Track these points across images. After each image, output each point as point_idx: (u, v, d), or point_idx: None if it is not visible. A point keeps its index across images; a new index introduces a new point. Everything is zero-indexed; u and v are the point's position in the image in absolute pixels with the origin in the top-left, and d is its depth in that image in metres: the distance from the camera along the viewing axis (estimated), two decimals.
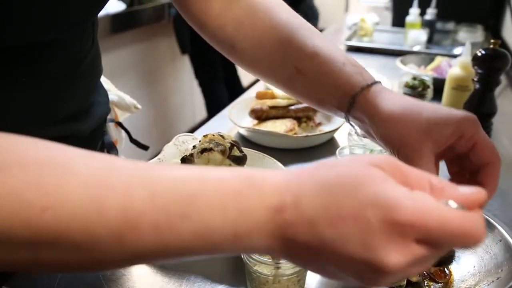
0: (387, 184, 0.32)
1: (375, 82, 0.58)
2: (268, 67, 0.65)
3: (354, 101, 0.57)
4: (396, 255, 0.30)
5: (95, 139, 0.75)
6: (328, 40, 0.63)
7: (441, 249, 0.32)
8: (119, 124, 0.94)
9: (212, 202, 0.33)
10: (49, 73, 0.57)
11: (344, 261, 0.32)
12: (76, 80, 0.62)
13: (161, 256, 0.34)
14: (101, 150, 0.81)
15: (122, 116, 1.02)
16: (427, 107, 0.52)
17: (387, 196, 0.31)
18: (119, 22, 2.40)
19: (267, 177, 0.35)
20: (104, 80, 0.86)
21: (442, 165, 0.55)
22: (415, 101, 0.54)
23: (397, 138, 0.52)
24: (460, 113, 0.51)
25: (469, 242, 0.31)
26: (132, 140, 0.95)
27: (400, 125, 0.51)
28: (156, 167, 0.36)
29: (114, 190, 0.32)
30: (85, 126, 0.67)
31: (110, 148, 0.83)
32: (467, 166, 0.53)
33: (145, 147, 0.94)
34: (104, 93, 0.78)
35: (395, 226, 0.30)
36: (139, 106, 1.06)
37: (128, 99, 1.04)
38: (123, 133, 0.97)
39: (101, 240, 0.32)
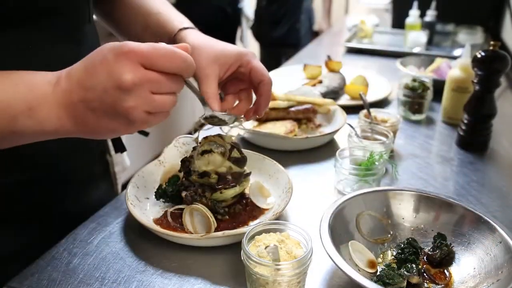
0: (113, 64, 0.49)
1: (190, 28, 0.76)
2: (127, 28, 0.84)
3: (175, 40, 0.75)
4: (128, 72, 0.48)
5: None
6: (168, 5, 0.83)
7: (164, 71, 0.51)
8: None
9: (6, 82, 0.49)
10: (55, 38, 0.66)
11: (100, 95, 0.48)
12: (79, 46, 0.71)
13: None
14: None
15: None
16: (219, 44, 0.70)
17: (119, 43, 0.49)
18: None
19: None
20: None
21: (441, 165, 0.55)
22: (213, 39, 0.72)
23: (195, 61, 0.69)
24: (241, 49, 0.69)
25: (177, 59, 0.51)
26: None
27: (197, 53, 0.66)
28: None
29: None
30: None
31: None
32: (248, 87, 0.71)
33: (145, 133, 0.96)
34: None
35: (123, 54, 0.48)
36: None
37: None
38: None
39: None
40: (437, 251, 0.63)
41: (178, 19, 0.78)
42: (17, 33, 0.59)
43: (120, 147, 0.87)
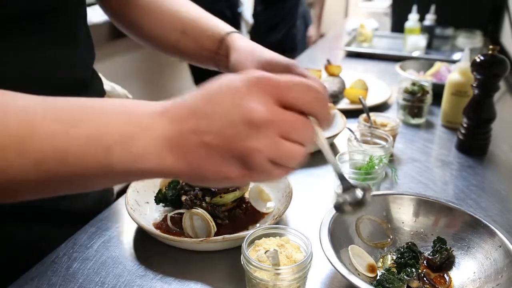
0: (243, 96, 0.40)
1: (235, 32, 0.76)
2: (160, 34, 0.80)
3: (221, 45, 0.74)
4: (262, 105, 0.39)
5: None
6: (203, 11, 0.80)
7: (299, 106, 0.41)
8: None
9: (103, 111, 0.40)
10: (51, 40, 0.64)
11: (221, 126, 0.39)
12: (74, 49, 0.69)
13: (62, 166, 0.38)
14: None
15: None
16: (268, 51, 0.70)
17: (249, 73, 0.41)
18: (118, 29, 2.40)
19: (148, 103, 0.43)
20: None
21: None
22: (260, 46, 0.72)
23: (240, 65, 0.69)
24: (290, 60, 0.68)
25: (313, 92, 0.41)
26: None
27: (244, 57, 0.68)
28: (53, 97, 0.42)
29: (15, 107, 0.38)
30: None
31: None
32: None
33: None
34: (99, 77, 0.82)
35: (257, 84, 0.39)
36: (129, 95, 1.13)
37: (119, 89, 1.10)
38: None
39: (4, 148, 0.36)
40: (437, 255, 0.63)
41: (221, 24, 0.77)
42: (14, 36, 0.59)
43: None
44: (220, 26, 0.77)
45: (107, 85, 1.01)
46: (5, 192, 0.39)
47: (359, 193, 0.49)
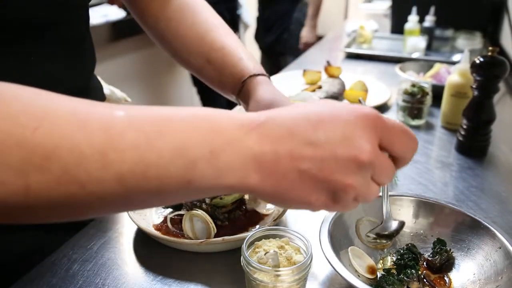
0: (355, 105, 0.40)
1: (261, 74, 0.72)
2: (186, 57, 0.78)
3: (243, 86, 0.72)
4: (371, 145, 0.38)
5: None
6: (236, 39, 0.77)
7: (394, 150, 0.41)
8: None
9: (188, 122, 0.37)
10: (55, 52, 0.63)
11: (324, 157, 0.37)
12: (77, 59, 0.68)
13: (142, 180, 0.35)
14: None
15: None
16: (287, 102, 0.69)
17: (355, 106, 0.39)
18: (119, 30, 2.40)
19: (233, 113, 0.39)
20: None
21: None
22: (283, 95, 0.71)
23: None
24: None
25: (411, 140, 0.42)
26: None
27: (265, 107, 0.66)
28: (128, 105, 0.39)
29: (97, 116, 0.35)
30: None
31: None
32: None
33: None
34: (99, 82, 0.82)
35: (370, 122, 0.39)
36: (128, 99, 1.14)
37: (118, 92, 1.10)
38: None
39: (86, 159, 0.33)
40: (437, 256, 0.63)
41: (246, 61, 0.74)
42: (17, 45, 0.58)
43: None
44: (243, 64, 0.73)
45: (106, 88, 1.02)
46: (79, 209, 0.35)
47: (394, 225, 0.53)
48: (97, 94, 0.78)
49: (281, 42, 3.02)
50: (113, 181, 0.34)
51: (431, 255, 0.64)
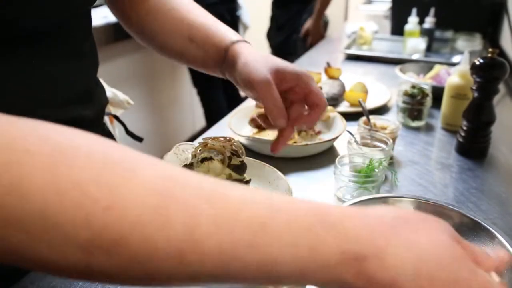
0: (466, 263, 0.36)
1: (241, 40, 0.74)
2: (168, 41, 0.79)
3: (226, 53, 0.72)
4: (474, 278, 0.35)
5: (98, 125, 0.78)
6: (212, 17, 0.80)
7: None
8: (115, 117, 0.98)
9: (283, 236, 0.32)
10: (58, 55, 0.63)
11: None
12: (80, 62, 0.68)
13: (220, 280, 0.32)
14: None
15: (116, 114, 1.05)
16: (278, 59, 0.70)
17: (470, 275, 0.35)
18: (119, 31, 2.40)
19: (344, 218, 0.34)
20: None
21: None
22: (270, 54, 0.72)
23: (252, 76, 0.66)
24: (301, 69, 0.70)
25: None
26: (128, 132, 0.99)
27: (254, 64, 0.67)
28: (220, 184, 0.34)
29: (179, 203, 0.30)
30: (89, 111, 0.70)
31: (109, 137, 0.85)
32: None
33: (139, 139, 0.99)
34: (101, 85, 0.82)
35: (464, 252, 0.36)
36: (131, 101, 1.14)
37: (121, 95, 1.10)
38: (117, 130, 1.00)
39: (160, 254, 0.29)
40: None
41: (227, 31, 0.76)
42: (21, 50, 0.58)
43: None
44: (225, 34, 0.75)
45: (109, 91, 1.02)
46: (142, 283, 0.32)
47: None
48: (101, 98, 0.78)
49: (290, 43, 3.03)
50: (186, 278, 0.31)
51: None
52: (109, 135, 0.90)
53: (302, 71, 0.69)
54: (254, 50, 0.72)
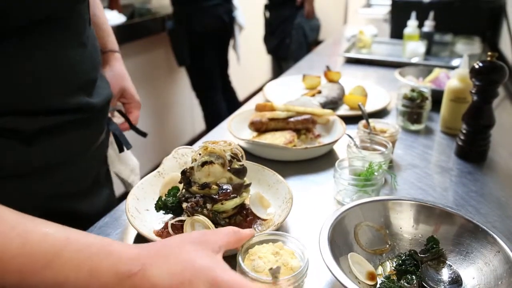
0: (219, 265, 0.51)
1: (117, 51, 1.01)
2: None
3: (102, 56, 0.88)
4: None
5: (104, 116, 0.83)
6: (105, 17, 1.00)
7: None
8: (119, 112, 1.02)
9: (72, 260, 0.46)
10: (63, 39, 0.67)
11: None
12: (82, 52, 0.72)
13: None
14: (107, 135, 0.91)
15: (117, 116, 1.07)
16: (130, 83, 1.03)
17: (216, 273, 0.48)
18: (120, 35, 2.40)
19: (123, 249, 0.49)
20: None
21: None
22: (127, 76, 1.03)
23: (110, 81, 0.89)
24: (135, 96, 1.03)
25: None
26: (132, 127, 1.03)
27: (113, 76, 0.97)
28: (33, 222, 0.48)
29: None
30: (95, 100, 0.75)
31: (118, 133, 0.95)
32: None
33: (143, 134, 1.06)
34: (106, 79, 0.86)
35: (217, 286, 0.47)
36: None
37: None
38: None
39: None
40: (428, 254, 0.64)
41: (111, 38, 0.99)
42: (23, 39, 0.60)
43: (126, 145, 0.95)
44: (109, 40, 0.98)
45: None
46: None
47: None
48: (106, 89, 0.81)
49: (283, 47, 3.06)
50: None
51: (421, 252, 0.65)
52: (118, 132, 0.94)
53: (134, 98, 1.03)
54: (120, 66, 1.00)
